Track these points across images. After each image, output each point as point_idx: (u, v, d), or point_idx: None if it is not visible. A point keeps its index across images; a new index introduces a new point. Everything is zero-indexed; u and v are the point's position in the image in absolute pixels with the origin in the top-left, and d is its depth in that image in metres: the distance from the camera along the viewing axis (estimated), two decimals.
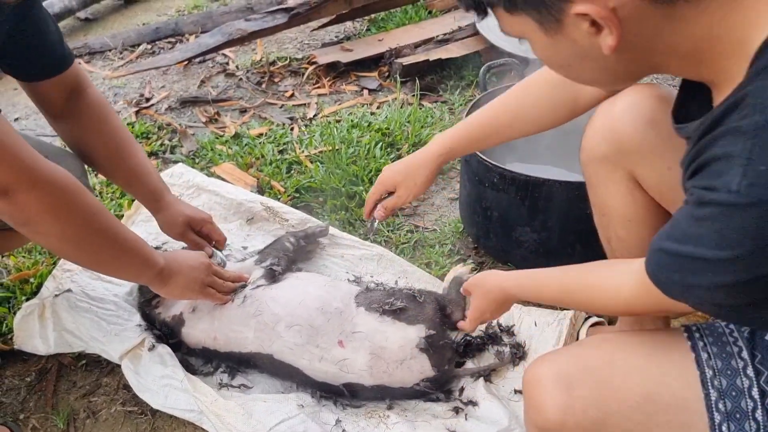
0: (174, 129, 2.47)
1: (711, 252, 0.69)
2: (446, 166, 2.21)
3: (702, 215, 0.70)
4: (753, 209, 0.66)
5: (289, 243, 1.65)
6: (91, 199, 1.18)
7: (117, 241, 1.22)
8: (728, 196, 0.67)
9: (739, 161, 0.66)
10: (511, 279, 1.18)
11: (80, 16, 3.42)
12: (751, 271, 0.68)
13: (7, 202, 1.06)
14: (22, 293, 1.69)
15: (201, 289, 1.41)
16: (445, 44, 2.83)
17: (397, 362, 1.35)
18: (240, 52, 3.05)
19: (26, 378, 1.53)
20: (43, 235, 1.16)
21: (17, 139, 1.07)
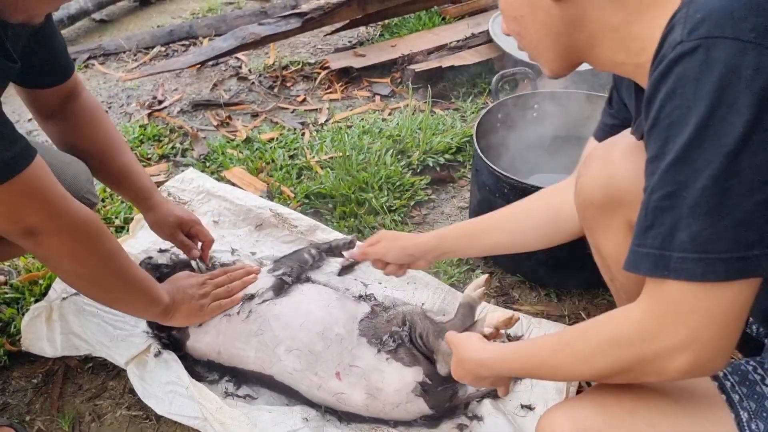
0: (186, 132, 2.48)
1: (678, 142, 0.68)
2: (457, 174, 2.20)
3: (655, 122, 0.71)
4: (698, 51, 0.67)
5: (308, 255, 1.63)
6: (109, 242, 1.23)
7: (128, 281, 1.28)
8: (674, 51, 0.68)
9: (678, 26, 0.70)
10: (489, 350, 1.03)
11: (95, 17, 3.45)
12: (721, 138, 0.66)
13: (33, 242, 1.13)
14: (31, 294, 1.69)
15: (203, 313, 1.44)
16: (458, 51, 2.82)
17: (393, 405, 1.33)
18: (253, 56, 3.06)
19: (33, 380, 1.54)
20: (62, 271, 1.26)
21: (51, 182, 1.12)
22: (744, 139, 0.65)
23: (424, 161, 2.21)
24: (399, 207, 2.03)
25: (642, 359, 0.76)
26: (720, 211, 0.67)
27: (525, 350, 0.96)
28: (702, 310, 0.70)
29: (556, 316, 1.67)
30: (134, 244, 1.74)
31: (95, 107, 1.48)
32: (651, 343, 0.74)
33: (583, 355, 0.83)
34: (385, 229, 1.94)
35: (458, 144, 2.28)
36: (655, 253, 0.72)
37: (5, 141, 1.04)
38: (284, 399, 1.43)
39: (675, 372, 0.74)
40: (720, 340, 0.71)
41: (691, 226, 0.69)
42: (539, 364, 0.92)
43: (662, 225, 0.71)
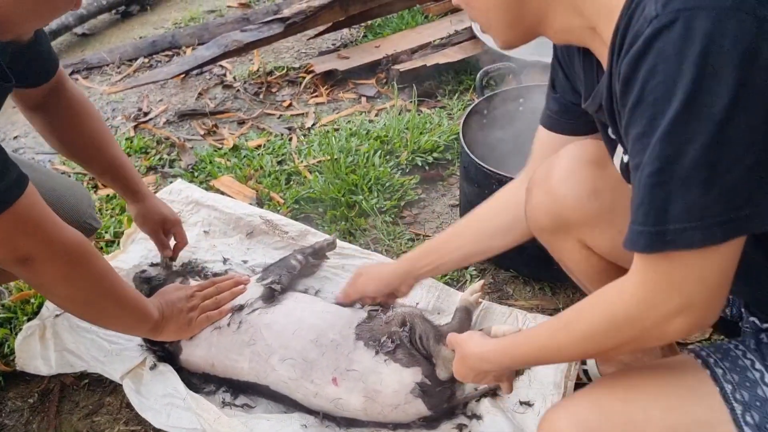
0: (173, 143, 2.47)
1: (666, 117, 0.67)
2: (446, 172, 2.20)
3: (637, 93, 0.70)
4: (677, 24, 0.66)
5: (296, 261, 1.62)
6: (100, 264, 1.24)
7: (119, 301, 1.29)
8: (650, 26, 0.67)
9: (648, 1, 0.68)
10: (491, 345, 1.04)
11: (77, 31, 3.42)
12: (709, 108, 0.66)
13: (26, 269, 1.14)
14: (24, 313, 1.69)
15: (191, 327, 1.45)
16: (442, 49, 2.82)
17: (391, 406, 1.32)
18: (237, 63, 3.05)
19: (29, 399, 1.53)
20: (55, 296, 1.26)
21: (42, 210, 1.13)
22: (731, 106, 0.65)
23: (412, 161, 2.21)
24: (390, 208, 2.03)
25: (641, 330, 0.79)
26: (712, 179, 0.68)
27: (524, 338, 0.98)
28: (693, 276, 0.72)
29: (551, 310, 1.67)
30: (125, 258, 1.73)
31: (82, 100, 1.49)
32: (648, 314, 0.77)
33: (582, 334, 0.85)
34: (377, 230, 1.94)
35: (446, 142, 2.28)
36: (650, 231, 0.72)
37: (0, 170, 1.04)
38: (282, 407, 1.42)
39: (674, 334, 0.77)
40: (712, 300, 0.75)
41: (684, 197, 0.69)
42: (540, 348, 0.94)
43: (655, 201, 0.71)
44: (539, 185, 1.12)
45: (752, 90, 0.65)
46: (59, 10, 1.10)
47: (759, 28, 0.65)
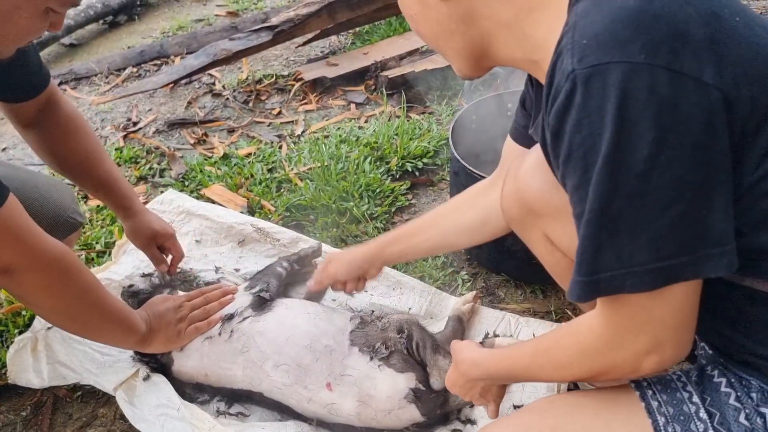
0: (162, 152, 2.47)
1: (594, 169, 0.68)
2: (437, 177, 2.22)
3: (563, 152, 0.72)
4: (592, 79, 0.67)
5: (281, 268, 1.62)
6: (84, 275, 1.23)
7: (104, 313, 1.28)
8: (568, 81, 0.68)
9: (566, 53, 0.69)
10: (485, 352, 1.06)
11: (65, 42, 3.42)
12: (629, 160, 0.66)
13: (8, 280, 1.13)
14: (15, 326, 1.67)
15: (180, 338, 1.44)
16: (430, 55, 2.84)
17: (384, 411, 1.33)
18: (226, 72, 3.05)
19: (21, 412, 1.52)
20: (38, 308, 1.26)
21: (24, 220, 1.12)
22: (650, 158, 0.66)
23: (402, 167, 2.23)
24: (380, 214, 2.04)
25: (613, 365, 0.80)
26: (638, 227, 0.69)
27: (511, 353, 1.00)
28: (656, 318, 0.73)
29: (542, 313, 1.69)
30: (117, 269, 1.73)
31: (75, 116, 1.49)
32: (617, 352, 0.78)
33: (559, 362, 0.87)
34: (368, 236, 1.95)
35: (435, 147, 2.29)
36: (583, 280, 0.74)
37: None
38: (277, 415, 1.42)
39: (647, 370, 0.78)
40: (679, 338, 0.76)
41: (613, 245, 0.70)
42: (524, 368, 0.96)
43: (587, 251, 0.72)
44: (511, 175, 1.16)
45: (672, 142, 0.66)
46: (31, 34, 1.09)
47: (674, 81, 0.65)
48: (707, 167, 0.68)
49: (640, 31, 0.66)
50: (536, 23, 0.79)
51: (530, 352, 0.94)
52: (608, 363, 0.80)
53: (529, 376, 0.98)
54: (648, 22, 0.66)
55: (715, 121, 0.67)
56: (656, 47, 0.65)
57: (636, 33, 0.66)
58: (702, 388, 0.86)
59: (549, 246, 1.15)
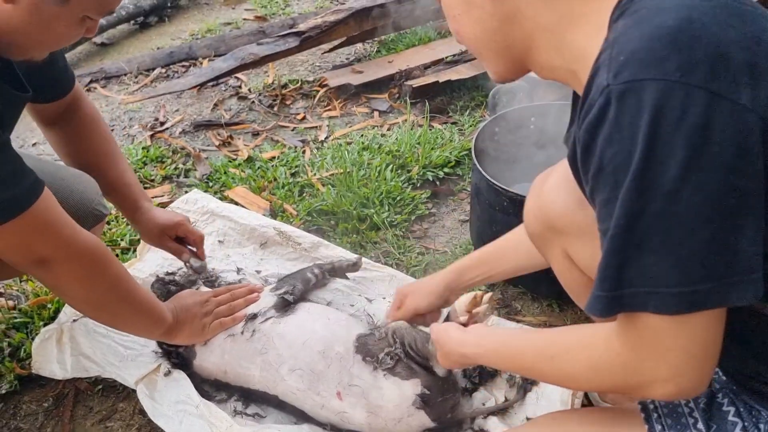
0: (188, 153, 2.51)
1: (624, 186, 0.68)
2: (457, 188, 2.23)
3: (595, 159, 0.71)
4: (627, 95, 0.67)
5: (311, 275, 1.64)
6: (114, 267, 1.27)
7: (133, 304, 1.32)
8: (602, 95, 0.68)
9: (602, 69, 0.70)
10: (470, 344, 1.05)
11: (96, 41, 3.49)
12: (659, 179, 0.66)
13: (44, 271, 1.17)
14: (40, 318, 1.71)
15: (205, 332, 1.47)
16: (455, 65, 2.86)
17: (394, 420, 1.33)
18: (252, 76, 3.09)
19: (44, 403, 1.55)
20: (71, 298, 1.29)
21: (58, 213, 1.16)
22: (680, 179, 0.65)
23: (423, 175, 2.24)
24: (400, 222, 2.05)
25: (625, 387, 0.79)
26: (664, 248, 0.68)
27: (506, 351, 0.98)
28: (679, 346, 0.72)
29: (558, 326, 1.69)
30: (141, 267, 1.76)
31: (94, 117, 1.52)
32: (633, 375, 0.77)
33: (566, 373, 0.86)
34: (388, 243, 1.97)
35: (457, 157, 2.31)
36: (606, 296, 0.73)
37: (16, 177, 1.08)
38: (292, 418, 1.44)
39: (660, 397, 0.78)
40: (700, 370, 0.73)
41: (638, 264, 0.70)
42: (521, 368, 0.96)
43: (611, 266, 0.72)
44: (534, 190, 1.16)
45: (704, 164, 0.65)
46: (68, 39, 1.13)
47: (710, 102, 0.65)
48: (739, 191, 0.66)
49: (678, 50, 0.66)
50: (577, 33, 0.79)
51: (531, 356, 0.92)
52: (620, 384, 0.79)
53: (526, 374, 0.99)
54: (687, 41, 0.66)
55: (749, 144, 0.66)
56: (693, 67, 0.65)
57: (673, 52, 0.66)
58: (709, 416, 0.85)
59: (568, 263, 1.15)
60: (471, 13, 0.85)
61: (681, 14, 0.68)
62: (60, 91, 1.43)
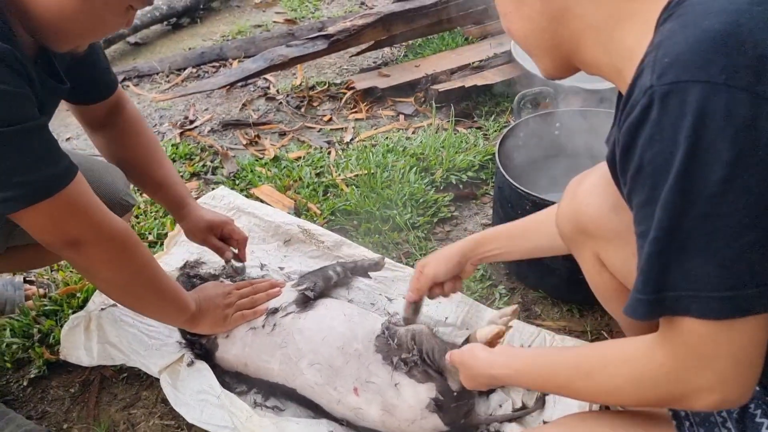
0: (216, 151, 2.55)
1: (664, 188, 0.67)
2: (480, 191, 2.24)
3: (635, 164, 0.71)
4: (670, 97, 0.66)
5: (333, 272, 1.66)
6: (143, 252, 1.30)
7: (159, 290, 1.35)
8: (645, 96, 0.68)
9: (647, 70, 0.69)
10: (499, 365, 1.03)
11: (130, 40, 3.57)
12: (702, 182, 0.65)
13: (75, 253, 1.20)
14: (69, 307, 1.76)
15: (226, 323, 1.49)
16: (481, 71, 2.87)
17: (408, 421, 1.35)
18: (281, 77, 3.14)
19: (70, 389, 1.60)
20: (99, 280, 1.32)
21: (91, 197, 1.20)
22: (725, 181, 0.65)
23: (447, 179, 2.26)
24: (422, 224, 2.07)
25: (668, 398, 0.78)
26: (707, 251, 0.68)
27: (538, 372, 0.97)
28: (724, 353, 0.71)
29: (578, 332, 1.69)
30: (168, 260, 1.80)
31: (138, 119, 1.57)
32: (677, 385, 0.75)
33: (605, 389, 0.84)
34: (409, 245, 1.99)
35: (481, 162, 2.32)
36: (648, 299, 0.72)
37: (51, 159, 1.12)
38: (311, 412, 1.46)
39: (705, 407, 0.76)
40: (746, 378, 0.73)
41: (681, 266, 0.69)
42: (555, 387, 0.94)
43: (653, 269, 0.71)
44: (568, 192, 1.16)
45: (749, 166, 0.65)
46: (111, 29, 1.18)
47: (755, 105, 0.64)
48: None
49: (724, 53, 0.66)
50: (625, 32, 0.79)
51: (565, 374, 0.90)
52: (664, 396, 0.78)
53: (559, 393, 0.96)
54: (732, 45, 0.66)
55: None
56: (738, 70, 0.65)
57: (719, 55, 0.66)
58: (742, 427, 0.84)
59: (598, 266, 1.15)
60: (521, 11, 0.86)
61: (728, 18, 0.67)
62: (103, 93, 1.47)
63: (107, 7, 1.10)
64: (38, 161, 1.08)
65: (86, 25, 1.12)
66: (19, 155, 1.05)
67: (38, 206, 1.10)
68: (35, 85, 1.09)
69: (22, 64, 1.03)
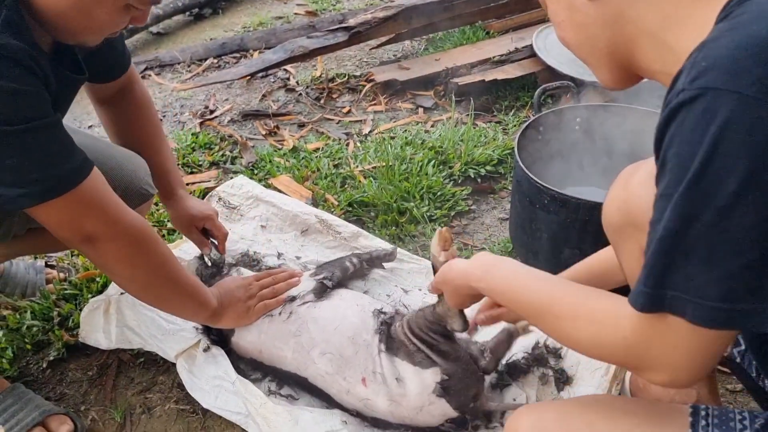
0: (235, 140, 2.57)
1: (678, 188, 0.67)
2: (498, 186, 2.23)
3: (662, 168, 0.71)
4: (698, 101, 0.65)
5: (350, 263, 1.67)
6: (162, 249, 1.30)
7: (179, 286, 1.35)
8: (677, 98, 0.67)
9: (684, 72, 0.68)
10: (476, 277, 1.03)
11: (153, 30, 3.60)
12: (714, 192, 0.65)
13: (91, 248, 1.20)
14: (89, 291, 1.79)
15: (250, 314, 1.50)
16: (502, 65, 2.85)
17: (416, 409, 1.34)
18: (301, 68, 3.15)
19: (88, 372, 1.62)
20: (117, 276, 1.32)
21: (107, 192, 1.20)
22: (736, 196, 0.64)
23: (465, 172, 2.25)
24: (440, 217, 2.06)
25: (623, 363, 0.82)
26: (710, 261, 0.67)
27: (512, 294, 0.96)
28: (684, 348, 0.73)
29: None
30: (187, 248, 1.80)
31: (146, 102, 1.57)
32: (633, 359, 0.78)
33: (568, 337, 0.87)
34: (426, 237, 1.98)
35: (500, 156, 2.31)
36: (649, 292, 0.73)
37: (66, 155, 1.12)
38: (324, 402, 1.46)
39: (649, 381, 0.79)
40: (694, 372, 0.75)
41: (683, 270, 0.69)
42: (526, 315, 0.95)
43: (658, 265, 0.72)
44: (621, 181, 1.13)
45: (762, 185, 0.63)
46: (110, 27, 1.15)
47: None
48: None
49: (762, 63, 0.63)
50: (681, 35, 0.76)
51: (537, 307, 0.91)
52: (619, 361, 0.81)
53: (527, 319, 0.97)
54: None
55: None
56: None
57: (756, 65, 0.63)
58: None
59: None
60: (574, 19, 0.85)
61: None
62: (117, 72, 1.48)
63: (99, 6, 1.07)
64: (53, 158, 1.09)
65: (81, 23, 1.10)
66: (32, 153, 1.05)
67: (53, 202, 1.10)
68: (50, 82, 1.08)
69: (36, 62, 1.03)
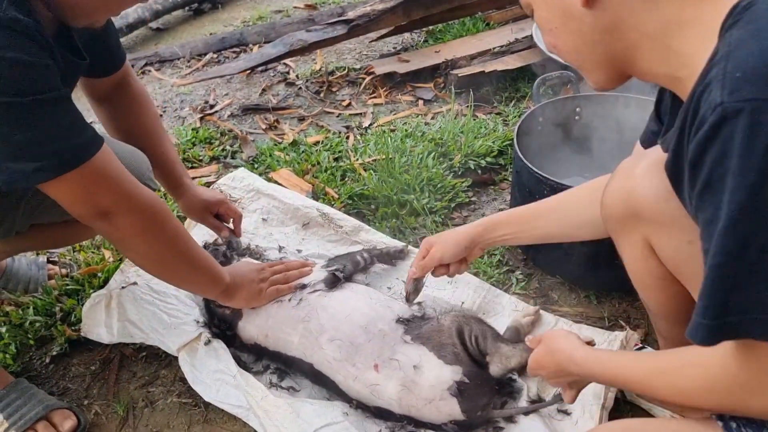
0: (235, 135, 2.57)
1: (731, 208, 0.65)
2: (498, 177, 2.23)
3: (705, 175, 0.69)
4: (743, 115, 0.63)
5: (361, 258, 1.70)
6: (175, 223, 1.31)
7: (192, 261, 1.36)
8: (715, 113, 0.65)
9: (715, 84, 0.66)
10: (581, 350, 1.03)
11: (152, 26, 3.60)
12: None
13: (107, 224, 1.21)
14: (90, 286, 1.79)
15: (262, 297, 1.51)
16: (501, 56, 2.84)
17: (425, 400, 1.34)
18: (300, 62, 3.14)
19: (91, 366, 1.62)
20: (132, 252, 1.33)
21: (119, 167, 1.20)
22: None
23: (465, 164, 2.24)
24: (440, 209, 2.06)
25: (745, 407, 0.79)
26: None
27: (619, 363, 0.96)
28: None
29: (595, 318, 1.68)
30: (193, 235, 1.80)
31: (142, 96, 1.58)
32: (753, 396, 0.76)
33: (680, 390, 0.85)
34: (426, 229, 1.98)
35: (500, 147, 2.30)
36: (709, 324, 0.71)
37: (77, 129, 1.12)
38: (325, 393, 1.48)
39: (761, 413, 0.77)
40: None
41: (747, 290, 0.68)
42: (632, 383, 0.94)
43: (716, 294, 0.70)
44: (623, 172, 1.11)
45: None
46: (128, 6, 1.17)
47: None
48: None
49: None
50: (684, 39, 0.75)
51: (643, 370, 0.91)
52: (740, 404, 0.78)
53: (633, 389, 0.96)
54: None
55: None
56: None
57: None
58: None
59: (647, 252, 1.11)
60: (569, 26, 0.84)
61: None
62: (112, 67, 1.48)
63: None
64: (65, 131, 1.09)
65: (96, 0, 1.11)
66: (45, 125, 1.05)
67: (67, 176, 1.10)
68: (57, 59, 1.09)
69: (44, 38, 1.03)
